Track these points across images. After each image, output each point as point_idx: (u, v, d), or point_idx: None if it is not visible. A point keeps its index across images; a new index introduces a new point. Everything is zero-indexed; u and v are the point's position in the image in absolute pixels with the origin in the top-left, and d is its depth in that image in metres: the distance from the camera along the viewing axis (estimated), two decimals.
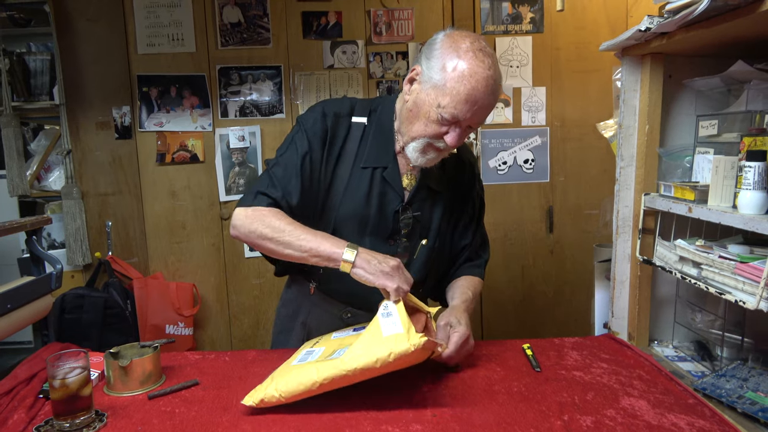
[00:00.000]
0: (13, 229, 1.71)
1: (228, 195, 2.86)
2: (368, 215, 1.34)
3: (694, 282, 1.30)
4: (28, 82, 2.71)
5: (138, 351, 1.29)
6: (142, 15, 2.74)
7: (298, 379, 1.06)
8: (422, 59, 1.24)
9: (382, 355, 1.03)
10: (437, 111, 1.20)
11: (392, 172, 1.35)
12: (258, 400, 1.06)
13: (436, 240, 1.42)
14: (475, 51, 1.18)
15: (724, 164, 1.27)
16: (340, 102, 1.39)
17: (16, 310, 1.55)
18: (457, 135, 1.23)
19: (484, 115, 1.23)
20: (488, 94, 1.18)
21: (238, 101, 2.83)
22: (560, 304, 3.01)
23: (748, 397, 1.19)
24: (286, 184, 1.29)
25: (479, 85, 1.16)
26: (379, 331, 1.08)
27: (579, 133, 2.91)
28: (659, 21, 1.31)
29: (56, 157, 2.85)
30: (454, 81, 1.17)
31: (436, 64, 1.20)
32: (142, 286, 2.70)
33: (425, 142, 1.26)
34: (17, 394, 1.18)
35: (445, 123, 1.22)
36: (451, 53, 1.19)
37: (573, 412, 1.07)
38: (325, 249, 1.19)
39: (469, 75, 1.16)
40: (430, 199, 1.40)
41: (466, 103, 1.18)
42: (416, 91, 1.26)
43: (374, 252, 1.21)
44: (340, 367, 1.04)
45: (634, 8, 2.84)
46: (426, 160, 1.29)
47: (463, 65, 1.17)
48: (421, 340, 1.04)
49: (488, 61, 1.18)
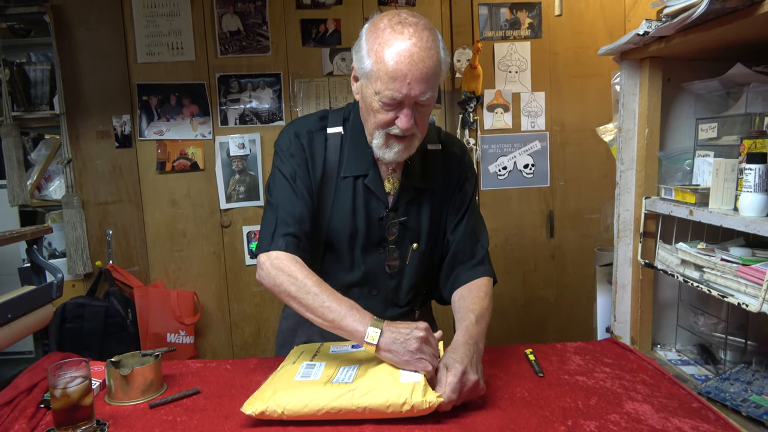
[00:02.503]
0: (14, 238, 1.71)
1: (228, 203, 2.86)
2: (356, 226, 1.31)
3: (697, 285, 1.30)
4: (29, 92, 2.72)
5: (139, 360, 1.28)
6: (141, 24, 2.75)
7: (304, 400, 1.04)
8: (353, 54, 1.21)
9: (395, 401, 1.03)
10: (377, 99, 1.16)
11: (373, 178, 1.31)
12: (259, 411, 1.04)
13: (427, 244, 1.37)
14: (393, 25, 1.13)
15: (724, 167, 1.27)
16: (309, 118, 1.36)
17: (16, 319, 1.54)
18: (406, 116, 1.16)
19: (426, 86, 1.14)
20: (415, 63, 1.11)
21: (238, 109, 2.83)
22: (562, 309, 3.00)
23: (752, 400, 1.18)
24: (294, 213, 1.25)
25: (402, 58, 1.10)
26: (396, 375, 1.08)
27: (578, 138, 2.92)
28: (657, 25, 1.31)
29: (56, 166, 2.86)
30: (378, 63, 1.12)
31: (362, 54, 1.17)
32: (142, 294, 2.70)
33: (383, 134, 1.21)
34: (18, 404, 1.17)
35: (389, 108, 1.16)
36: (371, 38, 1.15)
37: (577, 417, 1.07)
38: (348, 324, 1.12)
39: (389, 51, 1.11)
40: (417, 201, 1.35)
41: (395, 80, 1.11)
42: (359, 87, 1.23)
43: (398, 324, 1.12)
44: (351, 401, 1.04)
45: (632, 13, 2.85)
46: (394, 153, 1.23)
47: (382, 44, 1.12)
48: (437, 400, 1.04)
49: (409, 30, 1.12)
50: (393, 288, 1.37)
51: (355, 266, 1.35)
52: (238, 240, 2.88)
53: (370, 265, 1.34)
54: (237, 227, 2.88)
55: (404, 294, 1.39)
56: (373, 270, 1.35)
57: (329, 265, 1.36)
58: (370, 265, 1.34)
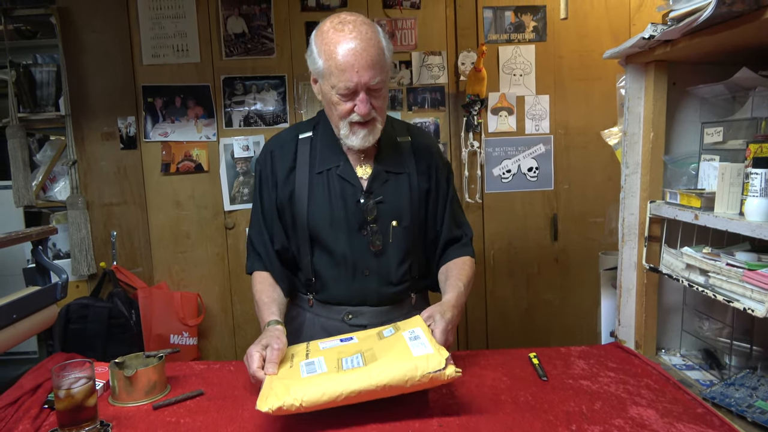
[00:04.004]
0: (20, 239, 1.71)
1: (232, 204, 2.87)
2: (335, 213, 1.41)
3: (702, 290, 1.29)
4: (34, 94, 2.73)
5: (143, 361, 1.28)
6: (147, 26, 2.76)
7: (321, 389, 1.04)
8: (308, 59, 1.36)
9: (413, 374, 1.05)
10: (334, 92, 1.30)
11: (345, 168, 1.42)
12: (276, 407, 1.01)
13: (408, 220, 1.44)
14: (335, 25, 1.28)
15: (730, 171, 1.26)
16: (284, 132, 1.54)
17: (21, 320, 1.55)
18: (362, 102, 1.30)
19: (374, 72, 1.27)
20: (359, 53, 1.25)
21: (243, 111, 2.84)
22: (565, 313, 2.99)
23: (758, 406, 1.18)
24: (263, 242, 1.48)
25: (347, 51, 1.25)
26: (408, 350, 1.10)
27: (583, 141, 2.91)
28: (663, 28, 1.31)
29: (62, 167, 2.87)
30: (328, 60, 1.27)
31: (314, 57, 1.32)
32: (146, 295, 2.70)
33: (346, 124, 1.34)
34: (22, 405, 1.18)
35: (346, 98, 1.30)
36: (318, 40, 1.30)
37: (581, 421, 1.07)
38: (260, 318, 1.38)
39: (335, 48, 1.26)
40: (392, 183, 1.44)
41: (345, 71, 1.26)
42: (319, 88, 1.37)
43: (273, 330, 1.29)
44: (369, 381, 1.04)
45: (637, 16, 2.85)
46: (360, 139, 1.35)
47: (328, 44, 1.27)
48: (456, 374, 1.06)
49: (348, 27, 1.27)
50: (382, 266, 1.43)
51: (342, 252, 1.41)
52: (242, 242, 2.88)
53: (356, 248, 1.42)
54: (241, 229, 2.89)
55: (394, 271, 1.44)
56: (359, 252, 1.42)
57: (319, 258, 1.44)
58: (355, 248, 1.41)
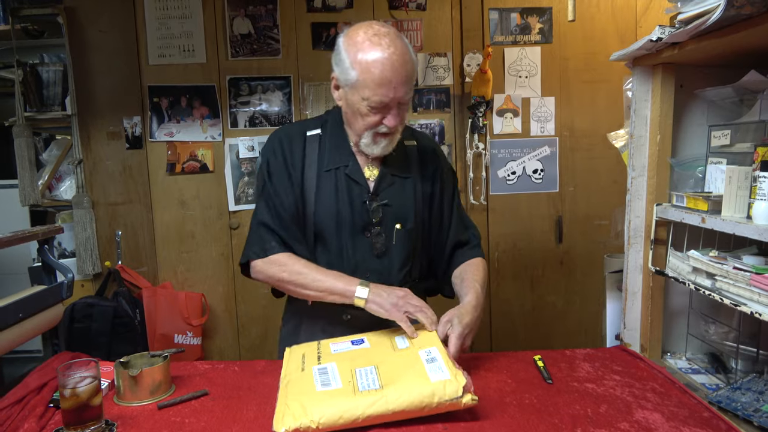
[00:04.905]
0: (26, 238, 1.72)
1: (237, 204, 2.87)
2: (341, 212, 1.41)
3: (708, 293, 1.29)
4: (41, 93, 2.74)
5: (148, 360, 1.29)
6: (153, 26, 2.77)
7: (338, 412, 1.04)
8: (334, 66, 1.36)
9: (429, 401, 1.06)
10: (365, 104, 1.31)
11: (353, 168, 1.43)
12: (293, 429, 1.02)
13: (412, 223, 1.46)
14: (371, 37, 1.28)
15: (737, 174, 1.26)
16: (291, 125, 1.55)
17: (27, 319, 1.55)
18: (393, 115, 1.33)
19: (407, 87, 1.31)
20: (397, 69, 1.27)
21: (248, 111, 2.85)
22: (570, 315, 2.98)
23: (764, 410, 1.17)
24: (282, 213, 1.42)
25: (385, 67, 1.26)
26: (425, 375, 1.10)
27: (588, 143, 2.91)
28: (671, 31, 1.30)
29: (67, 166, 2.88)
30: (364, 73, 1.27)
31: (345, 66, 1.31)
32: (151, 295, 2.70)
33: (371, 134, 1.36)
34: (28, 403, 1.18)
35: (377, 111, 1.31)
36: (352, 50, 1.30)
37: (586, 425, 1.06)
38: (339, 288, 1.33)
39: (373, 62, 1.26)
40: (398, 186, 1.46)
41: (382, 87, 1.27)
42: (342, 95, 1.37)
43: (382, 286, 1.33)
44: (385, 407, 1.05)
45: (644, 18, 2.84)
46: (381, 148, 1.38)
47: (364, 56, 1.27)
48: (473, 402, 1.07)
49: (385, 41, 1.27)
50: (384, 269, 1.44)
51: (345, 253, 1.42)
52: None
53: (359, 249, 1.43)
54: (245, 229, 2.86)
55: (396, 274, 1.45)
56: (362, 254, 1.43)
57: (321, 256, 1.44)
58: (358, 249, 1.43)
